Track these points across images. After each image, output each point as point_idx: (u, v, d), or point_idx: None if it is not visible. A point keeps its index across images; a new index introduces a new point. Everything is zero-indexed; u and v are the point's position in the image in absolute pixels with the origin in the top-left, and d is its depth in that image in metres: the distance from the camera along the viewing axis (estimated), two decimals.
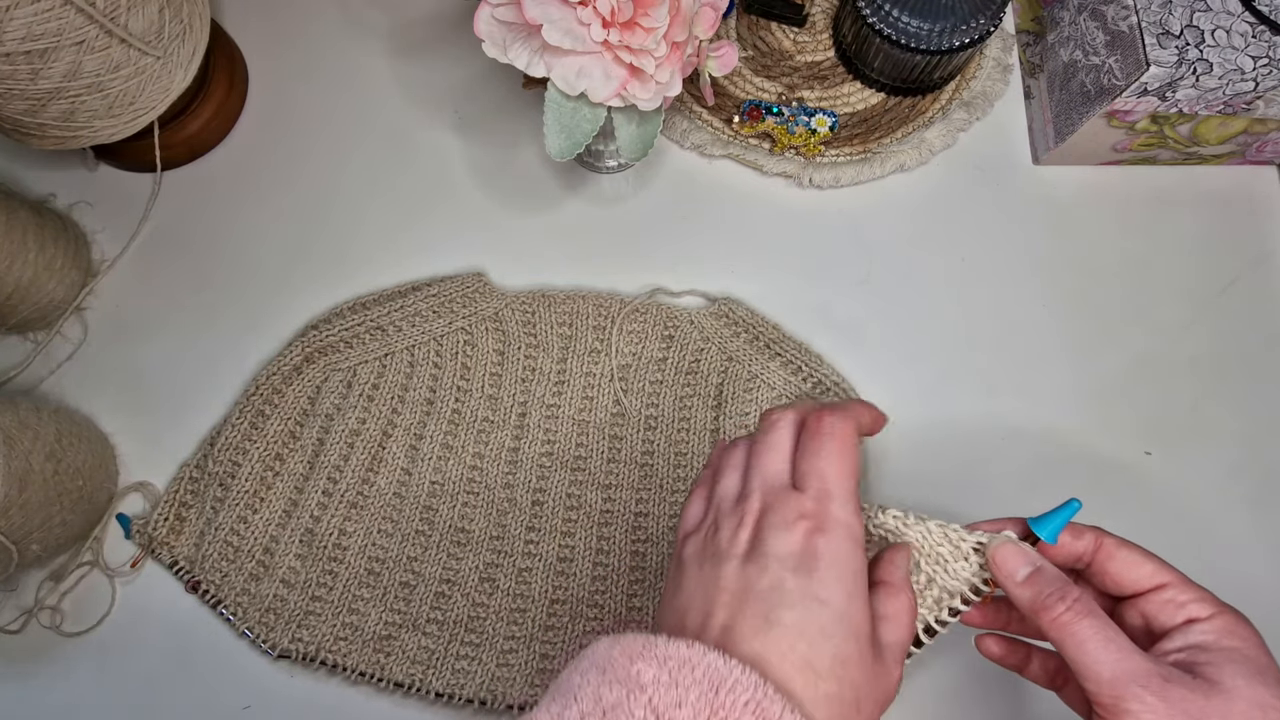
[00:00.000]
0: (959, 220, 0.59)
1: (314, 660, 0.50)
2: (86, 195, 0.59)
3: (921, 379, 0.56)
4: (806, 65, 0.61)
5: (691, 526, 0.37)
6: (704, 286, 0.57)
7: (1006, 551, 0.35)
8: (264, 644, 0.51)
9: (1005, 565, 0.35)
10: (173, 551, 0.52)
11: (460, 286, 0.56)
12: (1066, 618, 0.33)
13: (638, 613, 0.51)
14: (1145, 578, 0.35)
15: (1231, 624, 0.33)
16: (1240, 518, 0.54)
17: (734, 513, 0.35)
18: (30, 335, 0.57)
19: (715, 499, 0.37)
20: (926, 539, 0.36)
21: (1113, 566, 0.36)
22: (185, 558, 0.52)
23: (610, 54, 0.43)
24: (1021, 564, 0.35)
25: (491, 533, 0.53)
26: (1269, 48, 0.49)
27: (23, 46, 0.45)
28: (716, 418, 0.55)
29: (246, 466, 0.53)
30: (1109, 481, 0.54)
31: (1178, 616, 0.34)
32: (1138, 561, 0.36)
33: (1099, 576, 0.37)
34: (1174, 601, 0.35)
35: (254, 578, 0.52)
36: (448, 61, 0.62)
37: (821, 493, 0.34)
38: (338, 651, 0.51)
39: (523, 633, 0.51)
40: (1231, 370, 0.56)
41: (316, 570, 0.52)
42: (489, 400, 0.55)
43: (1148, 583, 0.35)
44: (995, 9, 0.53)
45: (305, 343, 0.55)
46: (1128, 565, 0.36)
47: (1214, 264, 0.58)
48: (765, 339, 0.55)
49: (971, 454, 0.55)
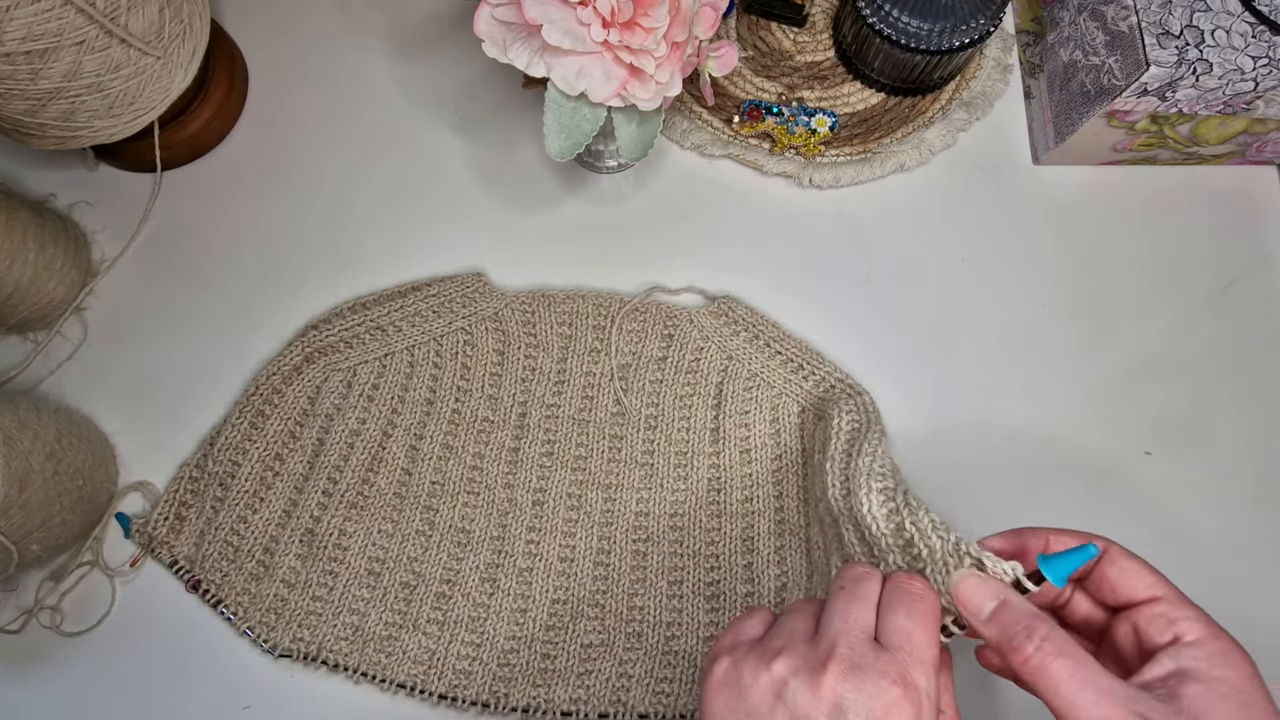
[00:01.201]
0: (959, 220, 0.59)
1: (315, 660, 0.50)
2: (86, 195, 0.59)
3: (921, 379, 0.56)
4: (806, 65, 0.61)
5: (747, 638, 0.35)
6: (704, 286, 0.57)
7: (969, 586, 0.33)
8: (265, 644, 0.51)
9: (969, 602, 0.33)
10: (172, 551, 0.52)
11: (460, 286, 0.56)
12: (1037, 660, 0.31)
13: (639, 612, 0.51)
14: (1141, 589, 0.35)
15: (1224, 652, 0.32)
16: (1240, 518, 0.54)
17: (810, 653, 0.32)
18: (30, 335, 0.57)
19: (782, 627, 0.34)
20: (941, 546, 0.35)
21: (1112, 573, 0.35)
22: (185, 557, 0.52)
23: (610, 54, 0.43)
24: (986, 599, 0.33)
25: (492, 533, 0.53)
26: (1269, 48, 0.49)
27: (23, 46, 0.45)
28: (717, 416, 0.55)
29: (246, 466, 0.53)
30: (1109, 482, 0.54)
31: (1166, 633, 0.33)
32: (1138, 573, 0.35)
33: (1097, 583, 0.36)
34: (1165, 616, 0.34)
35: (254, 577, 0.52)
36: (448, 61, 0.62)
37: (912, 657, 0.32)
38: (339, 652, 0.51)
39: (524, 633, 0.51)
40: (1231, 370, 0.56)
41: (317, 570, 0.52)
42: (489, 400, 0.55)
43: (1143, 594, 0.35)
44: (995, 9, 0.53)
45: (305, 343, 0.55)
46: (1127, 575, 0.35)
47: (1214, 264, 0.58)
48: (765, 337, 0.55)
49: (971, 454, 0.55)
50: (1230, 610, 0.46)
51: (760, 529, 0.52)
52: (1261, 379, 0.56)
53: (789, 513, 0.52)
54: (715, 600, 0.52)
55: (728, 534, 0.53)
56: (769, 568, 0.52)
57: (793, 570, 0.52)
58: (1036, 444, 0.55)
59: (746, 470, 0.54)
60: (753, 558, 0.52)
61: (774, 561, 0.52)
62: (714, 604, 0.52)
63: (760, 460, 0.54)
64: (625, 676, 0.50)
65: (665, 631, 0.51)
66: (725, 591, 0.52)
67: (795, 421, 0.54)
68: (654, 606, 0.52)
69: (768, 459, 0.54)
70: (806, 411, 0.54)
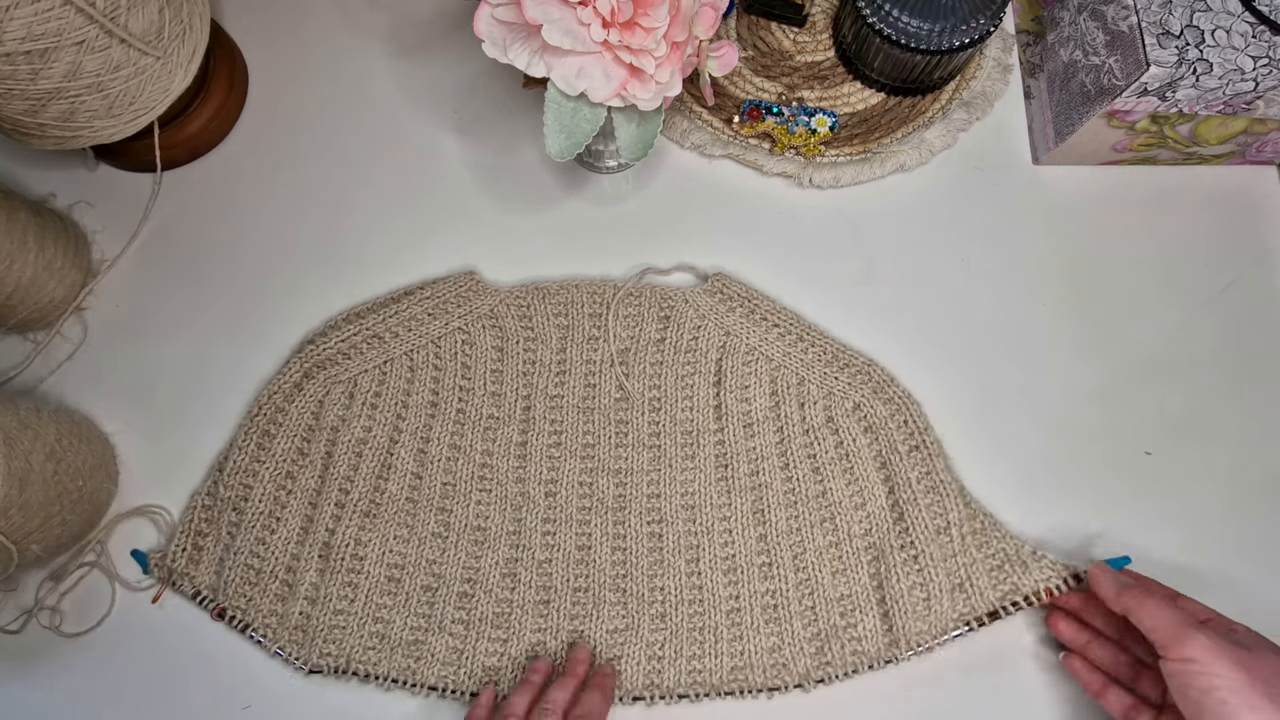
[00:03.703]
0: (959, 220, 0.59)
1: (346, 672, 0.51)
2: (86, 195, 0.59)
3: (921, 379, 0.56)
4: (806, 65, 0.61)
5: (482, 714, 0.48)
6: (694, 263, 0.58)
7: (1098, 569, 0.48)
8: (296, 661, 0.51)
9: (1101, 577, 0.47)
10: (194, 582, 0.52)
11: (453, 287, 0.56)
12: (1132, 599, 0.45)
13: (660, 593, 0.52)
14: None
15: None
16: (1240, 518, 0.54)
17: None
18: (30, 335, 0.57)
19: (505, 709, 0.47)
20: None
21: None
22: (208, 586, 0.52)
23: (610, 54, 0.43)
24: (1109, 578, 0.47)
25: (508, 528, 0.53)
26: (1269, 48, 0.49)
27: (23, 46, 0.45)
28: (718, 393, 0.55)
29: (258, 488, 0.53)
30: (1109, 481, 0.54)
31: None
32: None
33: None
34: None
35: (279, 598, 0.52)
36: (448, 61, 0.62)
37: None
38: (367, 661, 0.51)
39: (549, 624, 0.51)
40: (1231, 370, 0.56)
41: (337, 583, 0.52)
42: (492, 397, 0.56)
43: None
44: (995, 9, 0.53)
45: (303, 358, 0.55)
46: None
47: (1214, 264, 0.58)
48: (760, 311, 0.56)
49: (971, 454, 0.55)
50: (1231, 609, 0.46)
51: (770, 501, 0.53)
52: (1261, 379, 0.56)
53: (798, 482, 0.53)
54: (733, 574, 0.52)
55: (738, 508, 0.53)
56: (783, 538, 0.52)
57: (808, 539, 0.52)
58: (1036, 443, 0.55)
59: (751, 444, 0.54)
60: (765, 529, 0.52)
61: (787, 531, 0.52)
62: (732, 577, 0.52)
63: (764, 433, 0.54)
64: (656, 659, 0.51)
65: (688, 610, 0.51)
66: (742, 565, 0.52)
67: (795, 393, 0.54)
68: (674, 586, 0.52)
69: (770, 431, 0.54)
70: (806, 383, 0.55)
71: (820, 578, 0.51)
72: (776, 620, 0.51)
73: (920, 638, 0.50)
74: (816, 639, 0.51)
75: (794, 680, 0.50)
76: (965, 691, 0.51)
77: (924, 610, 0.50)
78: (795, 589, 0.51)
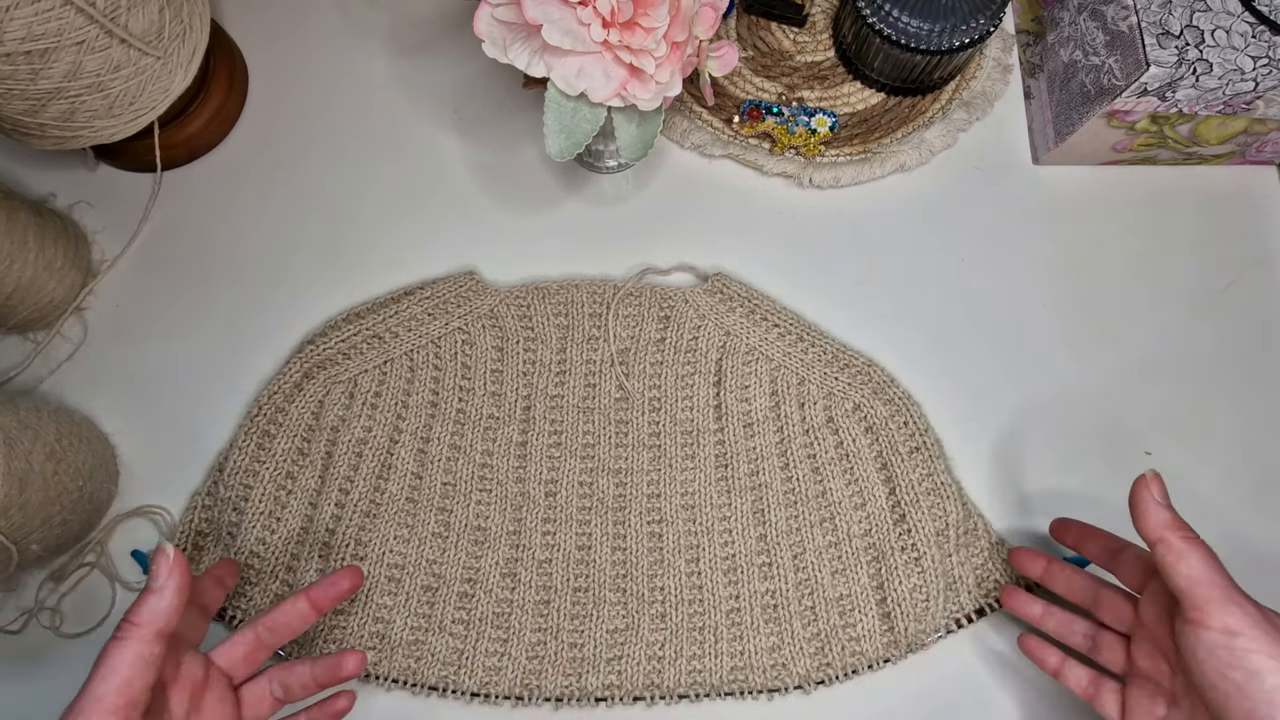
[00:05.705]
0: (959, 220, 0.59)
1: None
2: (86, 195, 0.59)
3: (921, 379, 0.56)
4: (806, 65, 0.61)
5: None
6: (694, 263, 0.58)
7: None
8: None
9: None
10: None
11: (453, 286, 0.56)
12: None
13: (660, 593, 0.52)
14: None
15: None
16: (1240, 518, 0.54)
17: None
18: (30, 335, 0.57)
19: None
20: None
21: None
22: None
23: (610, 54, 0.43)
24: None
25: (508, 528, 0.53)
26: (1269, 48, 0.49)
27: (23, 46, 0.45)
28: (718, 393, 0.55)
29: (259, 488, 0.53)
30: (1109, 481, 0.54)
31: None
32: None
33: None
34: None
35: (279, 598, 0.52)
36: (448, 61, 0.62)
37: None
38: (367, 662, 0.51)
39: (549, 624, 0.51)
40: (1231, 370, 0.56)
41: None
42: (492, 397, 0.56)
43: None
44: (995, 9, 0.53)
45: (303, 358, 0.55)
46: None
47: (1214, 264, 0.58)
48: (760, 311, 0.56)
49: (970, 454, 0.55)
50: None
51: (770, 501, 0.53)
52: (1261, 379, 0.56)
53: (798, 482, 0.53)
54: (733, 574, 0.52)
55: (738, 508, 0.53)
56: (782, 538, 0.52)
57: (808, 539, 0.52)
58: (1035, 443, 0.55)
59: (751, 444, 0.54)
60: (765, 529, 0.52)
61: (787, 531, 0.52)
62: (732, 577, 0.52)
63: (764, 433, 0.54)
64: (656, 659, 0.51)
65: (688, 609, 0.51)
66: (742, 565, 0.52)
67: (795, 393, 0.54)
68: (675, 586, 0.52)
69: (770, 431, 0.54)
70: (806, 383, 0.54)
71: (820, 578, 0.51)
72: (776, 620, 0.51)
73: (920, 638, 0.50)
74: (816, 639, 0.51)
75: (794, 681, 0.50)
76: (966, 691, 0.51)
77: (924, 611, 0.50)
78: (795, 589, 0.51)
